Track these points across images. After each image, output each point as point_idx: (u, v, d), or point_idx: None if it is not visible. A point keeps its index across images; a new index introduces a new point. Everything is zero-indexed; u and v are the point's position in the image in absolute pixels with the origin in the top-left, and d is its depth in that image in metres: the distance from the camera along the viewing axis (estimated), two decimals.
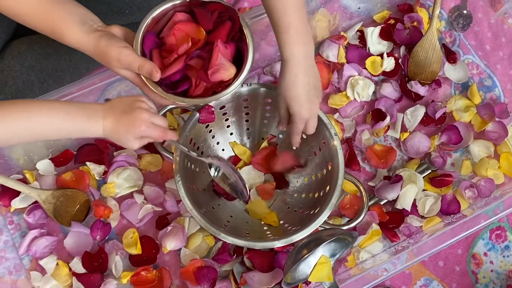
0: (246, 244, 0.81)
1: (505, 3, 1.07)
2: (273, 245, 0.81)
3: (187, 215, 0.92)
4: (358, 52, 1.06)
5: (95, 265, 0.89)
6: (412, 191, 0.95)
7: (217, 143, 0.95)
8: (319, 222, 0.82)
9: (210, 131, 0.93)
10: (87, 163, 0.94)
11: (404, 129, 1.02)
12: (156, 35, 0.75)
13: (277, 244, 0.81)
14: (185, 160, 0.85)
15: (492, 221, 0.90)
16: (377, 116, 1.00)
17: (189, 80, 0.74)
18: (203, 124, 0.88)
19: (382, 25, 1.07)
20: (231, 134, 0.96)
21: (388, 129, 1.01)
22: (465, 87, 1.07)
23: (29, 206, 0.91)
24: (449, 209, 0.96)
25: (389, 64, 1.05)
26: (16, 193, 0.91)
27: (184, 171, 0.84)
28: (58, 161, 0.95)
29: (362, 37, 1.07)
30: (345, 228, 0.86)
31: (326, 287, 0.82)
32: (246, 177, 0.95)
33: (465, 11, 1.11)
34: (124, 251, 0.90)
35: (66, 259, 0.90)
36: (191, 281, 0.88)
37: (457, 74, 1.07)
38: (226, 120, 0.94)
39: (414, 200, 0.95)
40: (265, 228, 0.91)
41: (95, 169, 0.94)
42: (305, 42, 0.77)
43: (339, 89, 1.04)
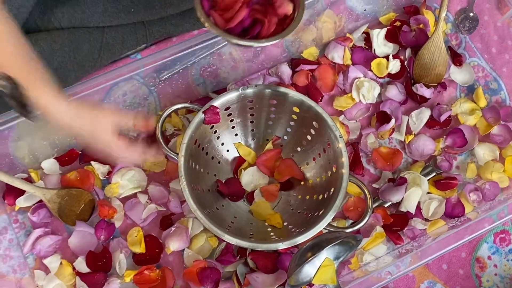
0: (250, 246, 0.81)
1: None
2: (277, 246, 0.81)
3: (190, 216, 0.92)
4: (364, 54, 1.05)
5: (99, 265, 0.89)
6: (417, 194, 0.94)
7: (222, 144, 0.96)
8: (323, 224, 0.82)
9: (215, 131, 0.93)
10: (92, 162, 0.94)
11: (409, 131, 1.02)
12: None
13: (281, 246, 0.81)
14: (189, 161, 0.85)
15: (496, 225, 0.90)
16: (382, 118, 1.00)
17: (257, 24, 0.77)
18: (208, 125, 0.88)
19: (388, 27, 1.07)
20: (236, 135, 0.97)
21: (392, 131, 1.01)
22: (470, 90, 1.07)
23: (34, 205, 0.91)
24: (453, 212, 0.95)
25: (394, 66, 1.04)
26: (21, 192, 0.91)
27: (189, 171, 0.84)
28: (63, 160, 0.95)
29: (367, 39, 1.07)
30: (349, 230, 0.86)
31: None
32: (250, 178, 0.95)
33: (471, 14, 1.11)
34: (128, 249, 0.90)
35: (70, 258, 0.90)
36: (194, 282, 0.88)
37: (463, 77, 1.07)
38: (231, 121, 0.94)
39: (418, 202, 0.95)
40: (269, 229, 0.91)
41: (99, 168, 0.94)
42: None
43: (344, 91, 1.04)
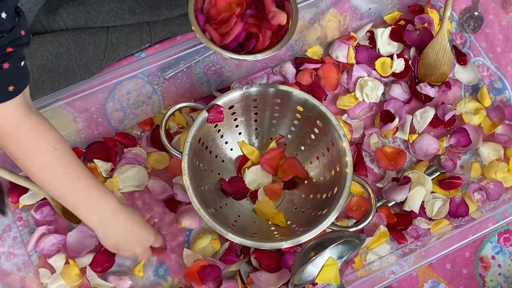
0: (253, 245, 0.81)
1: None
2: (280, 245, 0.81)
3: None
4: (368, 53, 1.05)
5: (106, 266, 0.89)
6: (421, 193, 0.94)
7: (226, 143, 0.95)
8: (327, 223, 0.82)
9: (219, 130, 0.93)
10: (95, 160, 0.94)
11: (413, 130, 1.01)
12: (200, 11, 0.80)
13: (285, 245, 0.81)
14: (193, 159, 0.85)
15: (500, 225, 0.90)
16: (385, 117, 1.00)
17: (252, 37, 0.79)
18: (212, 123, 0.88)
19: (392, 26, 1.07)
20: (239, 134, 0.96)
21: (396, 130, 1.01)
22: (475, 89, 1.07)
23: (37, 202, 0.91)
24: (457, 211, 0.95)
25: (399, 66, 1.04)
26: (25, 190, 0.91)
27: (192, 170, 0.84)
28: None
29: (372, 38, 1.07)
30: (353, 230, 0.86)
31: None
32: (254, 177, 0.95)
33: (476, 13, 1.10)
34: None
35: (74, 257, 0.90)
36: (196, 282, 0.87)
37: (467, 76, 1.06)
38: (235, 120, 0.94)
39: (422, 202, 0.95)
40: (273, 228, 0.91)
41: (102, 166, 0.94)
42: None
43: (348, 90, 1.04)
